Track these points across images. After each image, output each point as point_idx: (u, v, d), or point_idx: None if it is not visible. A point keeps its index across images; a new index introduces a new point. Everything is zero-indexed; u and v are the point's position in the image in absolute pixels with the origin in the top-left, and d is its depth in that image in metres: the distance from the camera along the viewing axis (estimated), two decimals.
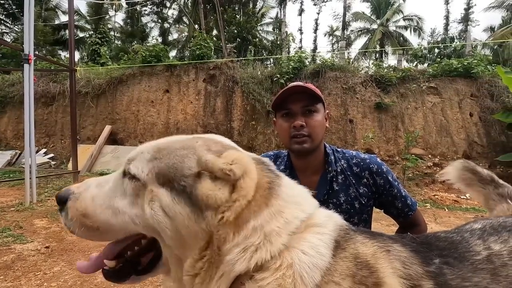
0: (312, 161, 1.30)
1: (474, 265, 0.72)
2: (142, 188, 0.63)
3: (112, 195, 0.66)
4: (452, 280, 0.66)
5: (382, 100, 7.47)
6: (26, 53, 4.44)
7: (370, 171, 1.27)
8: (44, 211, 3.95)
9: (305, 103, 1.22)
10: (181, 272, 0.63)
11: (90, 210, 0.65)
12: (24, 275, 2.31)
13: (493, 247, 0.76)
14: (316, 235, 0.63)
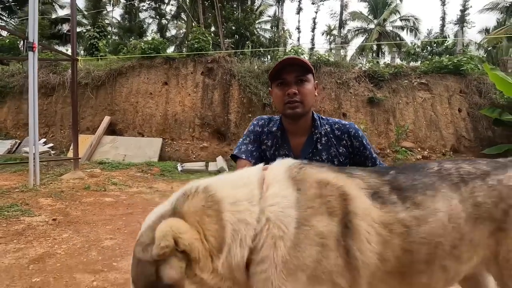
0: (302, 124, 1.51)
1: (426, 172, 0.95)
2: None
3: None
4: (405, 182, 0.89)
5: (375, 95, 7.72)
6: (31, 41, 4.58)
7: (349, 134, 1.49)
8: (48, 192, 4.12)
9: (297, 73, 1.43)
10: None
11: None
12: (35, 239, 2.51)
13: (444, 165, 0.99)
14: (273, 189, 0.81)
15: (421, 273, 0.82)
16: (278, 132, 1.53)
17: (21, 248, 2.32)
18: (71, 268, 2.03)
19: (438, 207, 0.84)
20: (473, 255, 0.89)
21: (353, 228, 0.76)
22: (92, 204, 3.76)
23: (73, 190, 4.37)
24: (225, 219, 0.75)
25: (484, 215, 0.88)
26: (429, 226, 0.81)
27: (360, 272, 0.74)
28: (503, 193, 0.90)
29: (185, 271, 0.70)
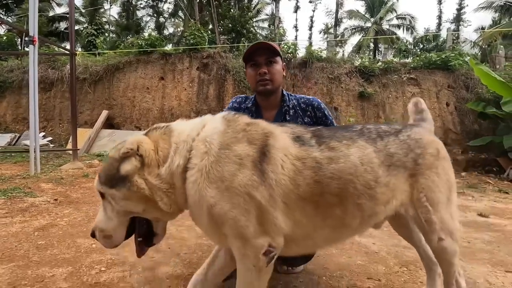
0: (273, 100, 1.75)
1: (348, 129, 1.18)
2: (107, 197, 1.02)
3: (104, 212, 1.05)
4: (326, 133, 1.12)
5: (365, 90, 7.96)
6: (31, 35, 4.77)
7: (313, 106, 1.73)
8: (48, 178, 4.32)
9: (267, 56, 1.67)
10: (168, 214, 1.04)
11: (104, 227, 1.04)
12: (39, 214, 2.72)
13: (367, 126, 1.22)
14: (210, 123, 1.08)
15: (335, 206, 1.04)
16: (253, 108, 1.76)
17: (26, 220, 2.53)
18: (73, 235, 2.25)
19: (351, 153, 1.06)
20: (391, 198, 1.11)
21: (270, 156, 0.99)
22: (91, 188, 3.97)
23: (73, 177, 4.57)
24: (172, 141, 1.03)
25: (397, 163, 1.12)
26: (339, 165, 1.03)
27: (274, 190, 0.96)
28: (411, 145, 1.15)
29: (137, 170, 0.99)
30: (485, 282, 1.77)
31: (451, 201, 1.18)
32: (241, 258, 0.99)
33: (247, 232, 0.95)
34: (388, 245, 2.34)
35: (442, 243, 1.15)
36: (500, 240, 2.59)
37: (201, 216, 1.00)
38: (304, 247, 1.11)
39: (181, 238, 2.30)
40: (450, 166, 1.24)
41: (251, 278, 0.99)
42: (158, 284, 1.58)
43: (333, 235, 1.11)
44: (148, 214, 1.04)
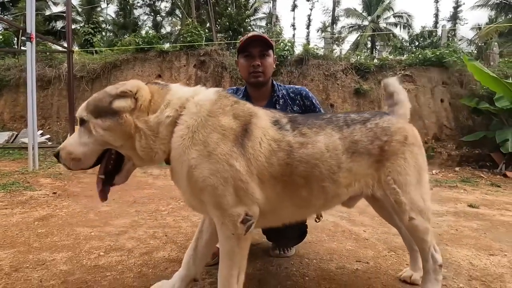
0: (263, 91, 1.82)
1: (320, 117, 1.27)
2: (88, 124, 1.06)
3: (79, 138, 1.08)
4: (300, 120, 1.21)
5: (361, 86, 8.04)
6: (29, 31, 4.81)
7: (301, 95, 1.81)
8: (47, 174, 4.37)
9: (261, 48, 1.73)
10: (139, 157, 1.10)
11: (73, 150, 1.08)
12: (38, 206, 2.78)
13: (337, 115, 1.31)
14: (204, 92, 1.17)
15: (301, 187, 1.13)
16: (243, 99, 1.83)
17: (26, 211, 2.59)
18: (72, 224, 2.31)
19: (318, 140, 1.15)
20: (353, 182, 1.20)
21: (251, 132, 1.08)
22: (89, 183, 4.02)
23: (71, 173, 4.63)
24: (166, 97, 1.11)
25: (361, 150, 1.20)
26: (307, 150, 1.13)
27: (252, 164, 1.06)
28: (378, 132, 1.23)
29: (129, 109, 1.05)
30: (469, 264, 1.85)
31: (420, 183, 1.25)
32: (221, 227, 1.07)
33: (224, 202, 1.03)
34: (378, 233, 2.42)
35: (412, 222, 1.23)
36: (487, 228, 2.68)
37: (181, 175, 1.07)
38: (270, 221, 1.22)
39: (178, 227, 2.37)
40: (420, 151, 1.30)
41: (231, 246, 1.07)
42: (154, 266, 1.65)
43: (298, 212, 1.23)
44: (123, 149, 1.09)
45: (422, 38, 11.51)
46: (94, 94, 1.11)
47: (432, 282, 1.29)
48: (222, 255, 1.10)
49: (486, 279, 1.64)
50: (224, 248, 1.09)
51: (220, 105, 1.11)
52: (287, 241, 1.80)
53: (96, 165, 1.12)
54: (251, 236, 1.12)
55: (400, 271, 1.65)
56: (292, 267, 1.70)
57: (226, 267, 1.10)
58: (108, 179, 1.13)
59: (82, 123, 1.08)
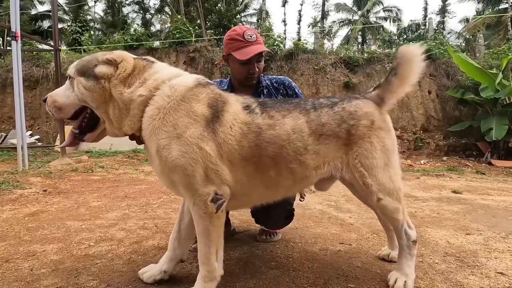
0: (250, 85, 1.87)
1: (289, 101, 1.33)
2: (73, 81, 1.17)
3: (64, 90, 1.21)
4: (269, 104, 1.28)
5: (350, 80, 8.14)
6: (13, 30, 4.75)
7: (284, 85, 1.87)
8: (37, 173, 4.35)
9: (258, 56, 1.74)
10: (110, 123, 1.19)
11: (57, 99, 1.20)
12: (29, 203, 2.79)
13: (306, 99, 1.37)
14: (184, 76, 1.23)
15: (270, 168, 1.20)
16: (228, 90, 1.87)
17: (16, 208, 2.60)
18: (62, 218, 2.34)
19: (286, 122, 1.21)
20: (321, 164, 1.26)
21: (223, 118, 1.15)
22: (80, 181, 4.04)
23: (61, 172, 4.62)
24: (144, 75, 1.17)
25: (328, 133, 1.25)
26: (275, 131, 1.19)
27: (222, 148, 1.12)
28: (345, 116, 1.28)
29: (109, 76, 1.15)
30: (446, 242, 1.94)
31: (389, 165, 1.30)
32: (193, 206, 1.14)
33: (193, 181, 1.09)
34: (363, 218, 2.51)
35: (381, 202, 1.29)
36: (467, 211, 2.79)
37: (152, 155, 1.14)
38: (242, 202, 1.28)
39: (168, 218, 2.42)
40: (388, 135, 1.32)
41: (205, 224, 1.13)
42: (144, 253, 1.69)
43: (268, 193, 1.28)
44: (98, 111, 1.18)
45: (410, 31, 11.66)
46: (86, 58, 1.21)
47: (406, 257, 1.36)
48: (198, 234, 1.17)
49: (460, 255, 1.73)
50: (199, 227, 1.15)
51: (195, 92, 1.17)
52: (276, 222, 1.86)
53: (74, 118, 1.23)
54: (224, 215, 1.18)
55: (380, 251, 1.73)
56: (278, 250, 1.77)
57: (203, 245, 1.16)
58: (80, 134, 1.24)
59: (69, 78, 1.20)
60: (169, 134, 1.09)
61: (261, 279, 1.41)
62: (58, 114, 1.21)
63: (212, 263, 1.17)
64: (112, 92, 1.14)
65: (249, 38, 1.73)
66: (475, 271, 1.52)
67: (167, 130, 1.10)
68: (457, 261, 1.65)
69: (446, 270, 1.53)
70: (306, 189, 1.47)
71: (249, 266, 1.54)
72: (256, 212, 1.90)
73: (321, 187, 1.42)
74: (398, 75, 1.32)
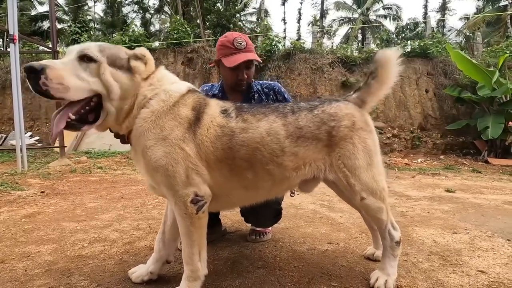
0: (240, 90, 1.91)
1: (266, 106, 1.38)
2: (97, 66, 1.09)
3: (75, 70, 1.06)
4: (245, 108, 1.33)
5: (348, 79, 8.17)
6: (11, 33, 4.79)
7: (274, 90, 1.91)
8: (36, 174, 4.41)
9: (247, 63, 1.78)
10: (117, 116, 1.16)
11: (65, 76, 1.02)
12: (26, 204, 2.84)
13: (286, 104, 1.42)
14: (179, 84, 1.28)
15: (246, 170, 1.24)
16: (219, 94, 1.92)
17: (13, 210, 2.65)
18: (58, 220, 2.39)
19: (259, 126, 1.25)
20: (302, 166, 1.29)
21: (202, 120, 1.20)
22: (78, 182, 4.09)
23: (60, 173, 4.67)
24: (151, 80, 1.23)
25: (307, 135, 1.28)
26: (248, 134, 1.23)
27: (200, 148, 1.18)
28: (324, 118, 1.31)
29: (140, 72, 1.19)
30: (432, 241, 1.98)
31: (372, 165, 1.33)
32: (174, 207, 1.18)
33: (174, 183, 1.14)
34: (354, 217, 2.55)
35: (364, 202, 1.33)
36: (457, 210, 2.83)
37: (139, 155, 1.19)
38: (223, 204, 1.33)
39: (161, 219, 2.46)
40: (370, 135, 1.35)
41: (186, 225, 1.18)
42: (135, 254, 1.74)
43: (248, 194, 1.32)
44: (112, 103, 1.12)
45: (408, 29, 11.66)
46: (103, 43, 1.15)
47: (389, 257, 1.40)
48: (181, 234, 1.21)
49: (444, 253, 1.77)
50: (181, 228, 1.20)
51: (185, 98, 1.23)
52: (264, 221, 1.90)
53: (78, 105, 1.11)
54: (206, 216, 1.21)
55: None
56: (266, 250, 1.81)
57: (186, 245, 1.21)
58: (78, 122, 1.10)
59: (88, 60, 1.08)
60: (156, 135, 1.14)
61: (247, 278, 1.45)
62: (60, 94, 1.01)
63: (195, 263, 1.22)
64: (140, 87, 1.18)
65: (238, 45, 1.76)
66: (456, 270, 1.56)
67: (155, 132, 1.15)
68: (440, 260, 1.69)
69: (429, 269, 1.57)
70: (290, 190, 1.50)
71: (236, 266, 1.59)
72: (245, 212, 1.94)
73: (305, 189, 1.45)
74: (377, 78, 1.38)
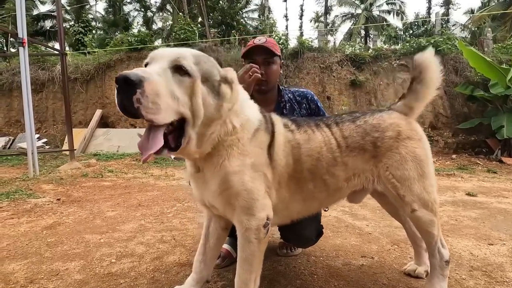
0: (269, 96, 1.84)
1: (312, 118, 1.36)
2: (191, 83, 0.92)
3: (170, 85, 0.88)
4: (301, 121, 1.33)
5: (357, 78, 8.06)
6: (21, 36, 4.74)
7: (307, 99, 1.83)
8: (48, 179, 4.38)
9: (265, 56, 1.72)
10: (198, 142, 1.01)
11: (162, 92, 0.84)
12: (44, 214, 2.80)
13: (328, 116, 1.38)
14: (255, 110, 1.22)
15: (308, 181, 1.23)
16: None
17: (32, 220, 2.61)
18: (80, 231, 2.34)
19: (317, 136, 1.26)
20: (352, 177, 1.28)
21: (275, 141, 1.18)
22: (91, 187, 4.05)
23: (72, 177, 4.64)
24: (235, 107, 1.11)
25: (353, 145, 1.27)
26: (310, 145, 1.23)
27: (276, 169, 1.16)
28: (367, 129, 1.29)
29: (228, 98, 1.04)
30: (469, 254, 1.92)
31: (422, 176, 1.27)
32: (244, 231, 1.11)
33: (255, 206, 1.10)
34: (380, 226, 2.49)
35: (415, 214, 1.27)
36: (485, 217, 2.75)
37: (212, 179, 1.10)
38: (281, 218, 1.30)
39: (184, 229, 2.41)
40: (420, 144, 1.30)
41: (253, 249, 1.12)
42: (166, 271, 1.69)
43: (305, 206, 1.31)
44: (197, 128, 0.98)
45: (416, 26, 11.49)
46: (198, 53, 1.01)
47: (438, 277, 1.33)
48: (241, 260, 1.14)
49: (486, 269, 1.70)
50: (244, 253, 1.13)
51: (261, 123, 1.20)
52: (306, 241, 1.78)
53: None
54: (267, 240, 1.18)
55: (403, 265, 1.71)
56: (300, 266, 1.75)
57: (244, 271, 1.14)
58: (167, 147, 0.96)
59: (183, 73, 0.92)
60: (242, 162, 1.10)
61: None
62: (151, 115, 0.83)
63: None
64: (226, 116, 1.06)
65: (257, 41, 1.73)
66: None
67: (241, 159, 1.10)
68: (485, 277, 1.62)
69: (475, 287, 1.51)
70: (339, 201, 1.46)
71: (274, 285, 1.53)
72: (286, 232, 1.79)
73: (354, 199, 1.44)
74: (423, 82, 1.34)
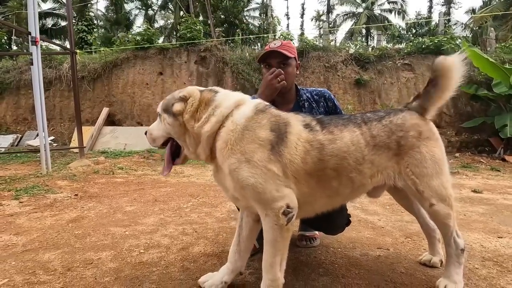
0: (287, 96, 1.93)
1: (341, 117, 1.41)
2: (160, 117, 1.38)
3: (157, 124, 1.43)
4: (326, 120, 1.38)
5: (361, 77, 8.14)
6: (33, 35, 4.81)
7: (325, 97, 1.92)
8: (62, 176, 4.46)
9: (280, 59, 1.81)
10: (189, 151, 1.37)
11: (152, 132, 1.45)
12: (65, 208, 2.89)
13: (355, 115, 1.45)
14: (244, 107, 1.32)
15: (332, 179, 1.30)
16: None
17: (56, 214, 2.70)
18: (104, 224, 2.43)
19: (344, 135, 1.32)
20: (376, 173, 1.36)
21: (287, 140, 1.24)
22: (105, 183, 4.14)
23: (84, 174, 4.73)
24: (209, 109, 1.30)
25: (380, 144, 1.35)
26: (336, 145, 1.29)
27: (288, 166, 1.22)
28: (393, 128, 1.37)
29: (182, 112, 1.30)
30: (480, 246, 2.01)
31: (440, 173, 1.37)
32: (264, 217, 1.22)
33: (264, 198, 1.19)
34: (392, 221, 2.58)
35: (433, 208, 1.37)
36: (492, 212, 2.85)
37: (225, 176, 1.26)
38: (305, 212, 1.38)
39: (204, 223, 2.50)
40: (437, 144, 1.41)
41: (275, 235, 1.21)
42: (194, 261, 1.78)
43: (329, 201, 1.39)
44: (179, 141, 1.37)
45: (419, 25, 11.56)
46: (165, 100, 1.41)
47: (455, 265, 1.43)
48: (266, 243, 1.24)
49: (498, 259, 1.80)
50: (268, 237, 1.23)
51: (256, 120, 1.26)
52: (337, 228, 1.89)
53: (164, 145, 1.45)
54: (293, 227, 1.26)
55: (418, 256, 1.80)
56: (321, 256, 1.85)
57: (269, 254, 1.24)
58: (172, 157, 1.45)
59: (159, 115, 1.41)
60: (238, 159, 1.19)
61: (314, 287, 1.49)
62: (153, 143, 1.44)
63: (276, 272, 1.25)
64: (187, 126, 1.30)
65: (272, 45, 1.81)
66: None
67: (237, 157, 1.19)
68: (496, 266, 1.71)
69: (488, 276, 1.60)
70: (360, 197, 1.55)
71: (299, 273, 1.62)
72: (317, 220, 1.91)
73: (374, 194, 1.53)
74: (438, 86, 1.42)
